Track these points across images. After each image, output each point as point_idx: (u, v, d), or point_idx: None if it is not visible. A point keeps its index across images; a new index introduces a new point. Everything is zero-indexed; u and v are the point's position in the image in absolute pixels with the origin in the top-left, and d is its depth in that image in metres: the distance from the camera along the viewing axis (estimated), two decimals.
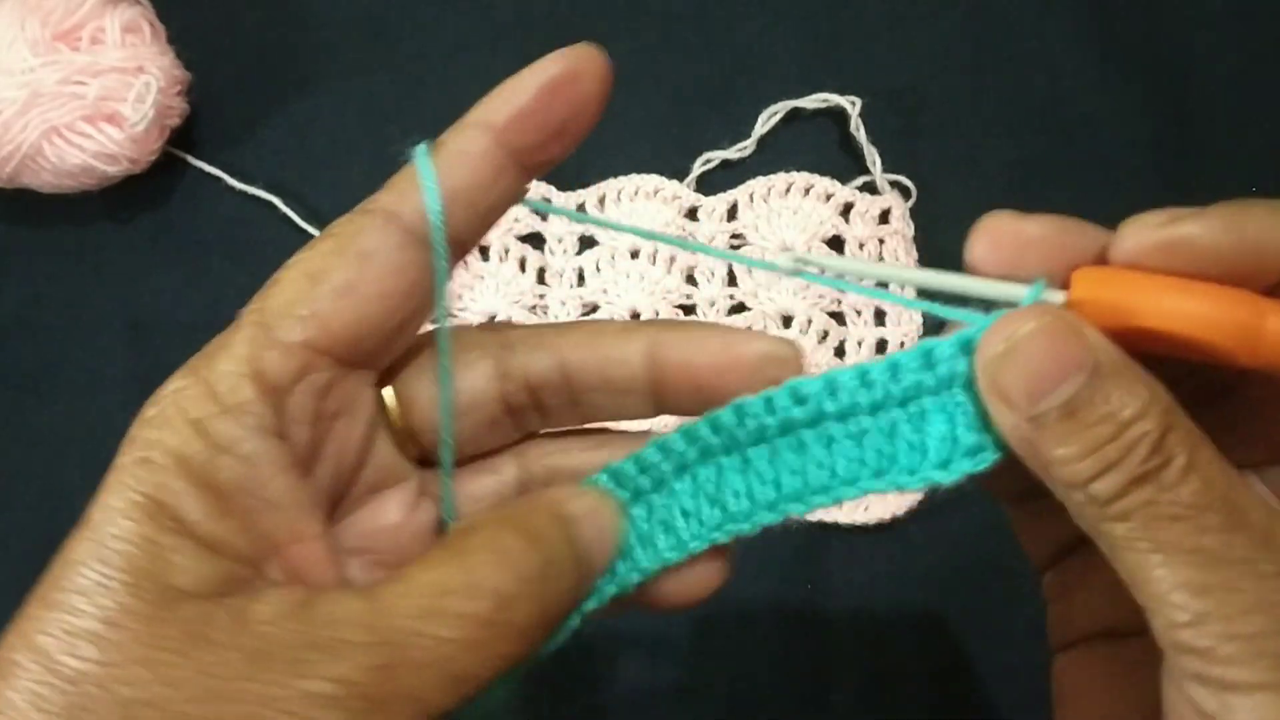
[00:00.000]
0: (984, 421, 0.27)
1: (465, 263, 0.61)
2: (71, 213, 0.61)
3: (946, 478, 0.27)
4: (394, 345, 0.29)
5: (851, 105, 0.61)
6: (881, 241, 0.60)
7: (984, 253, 0.28)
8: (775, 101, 0.62)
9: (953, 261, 0.65)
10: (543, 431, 0.32)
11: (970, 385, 0.27)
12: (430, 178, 0.29)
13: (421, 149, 0.29)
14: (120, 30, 0.57)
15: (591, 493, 0.29)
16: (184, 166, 0.62)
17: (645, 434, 0.31)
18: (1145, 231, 0.28)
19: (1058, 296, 0.27)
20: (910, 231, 0.60)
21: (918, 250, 0.60)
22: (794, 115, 0.62)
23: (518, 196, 0.31)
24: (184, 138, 0.62)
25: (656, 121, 0.63)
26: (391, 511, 0.30)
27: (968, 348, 0.27)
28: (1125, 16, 0.63)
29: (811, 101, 0.62)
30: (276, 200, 0.61)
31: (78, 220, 0.62)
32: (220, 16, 0.64)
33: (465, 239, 0.30)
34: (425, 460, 0.31)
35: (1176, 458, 0.24)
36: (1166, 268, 0.27)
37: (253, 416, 0.26)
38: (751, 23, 0.64)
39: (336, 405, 0.28)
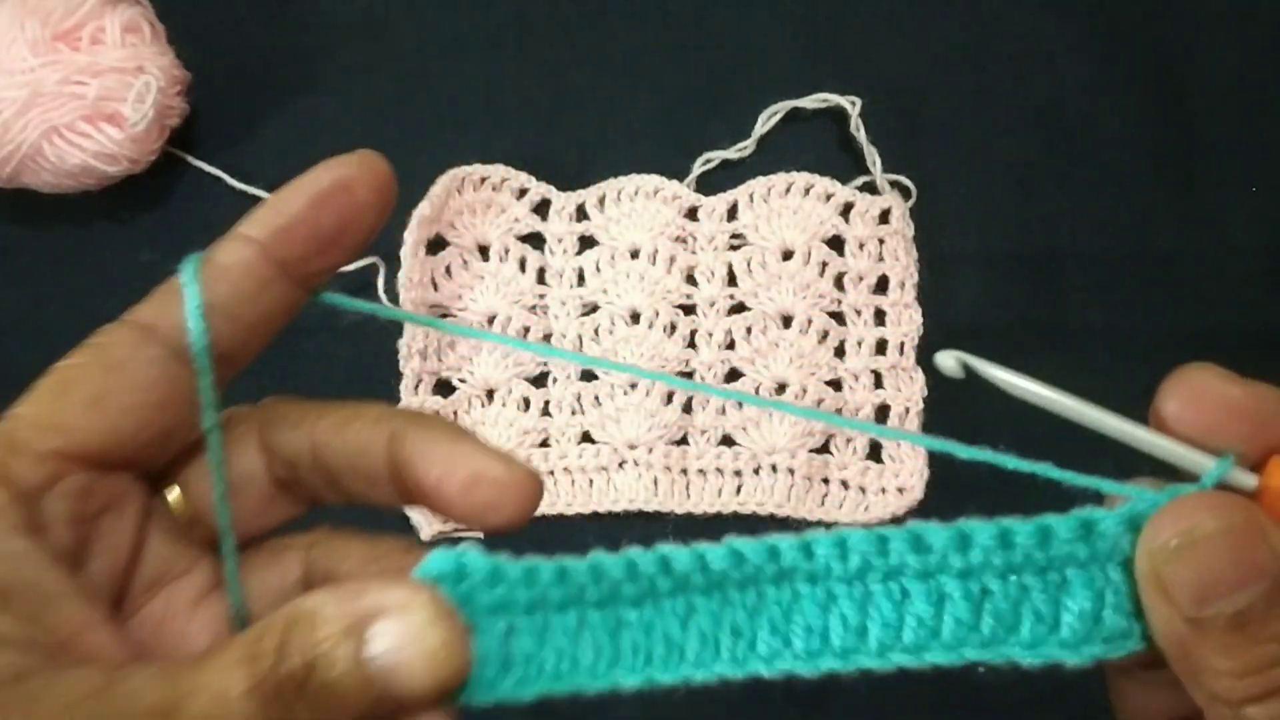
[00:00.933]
0: (1135, 608, 0.24)
1: (465, 262, 0.61)
2: (71, 213, 0.61)
3: (1074, 659, 0.25)
4: (158, 452, 0.29)
5: (851, 105, 0.61)
6: (881, 241, 0.60)
7: (1178, 410, 0.26)
8: (775, 101, 0.62)
9: (953, 262, 0.65)
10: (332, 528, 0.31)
11: (1128, 565, 0.24)
12: (194, 291, 0.29)
13: (190, 261, 0.29)
14: (120, 30, 0.57)
15: (400, 591, 0.24)
16: (184, 166, 0.62)
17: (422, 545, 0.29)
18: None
19: (1248, 480, 0.24)
20: (910, 231, 0.60)
21: (918, 250, 0.60)
22: (794, 115, 0.62)
23: (296, 306, 0.30)
24: (184, 138, 0.62)
25: (656, 121, 0.63)
26: (179, 604, 0.30)
27: (1134, 523, 0.24)
28: (1125, 16, 0.63)
29: (811, 101, 0.62)
30: None
31: (78, 220, 0.62)
32: (220, 16, 0.64)
33: (233, 352, 0.29)
34: (216, 547, 0.30)
35: None
36: None
37: (6, 520, 0.26)
38: (751, 23, 0.64)
39: (98, 505, 0.28)
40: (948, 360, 0.25)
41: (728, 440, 0.59)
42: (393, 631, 0.23)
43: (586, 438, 0.59)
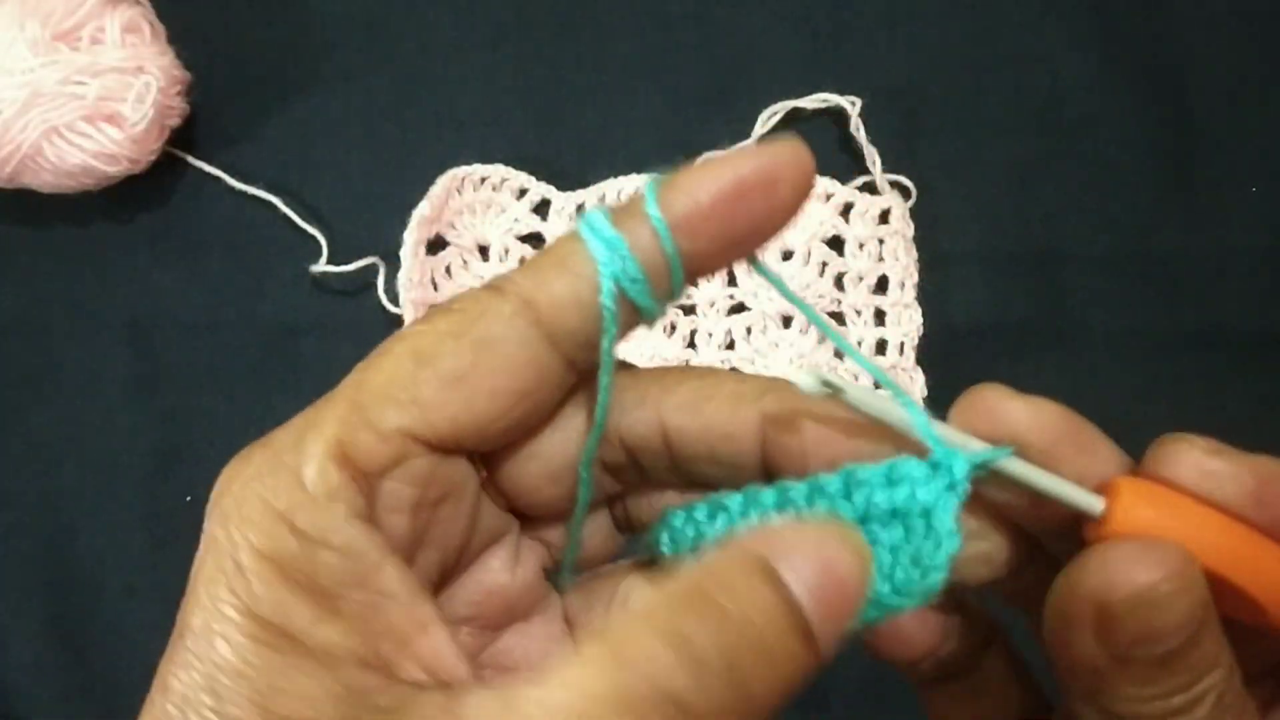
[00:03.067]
0: (926, 560, 0.24)
1: (465, 262, 0.61)
2: (71, 213, 0.61)
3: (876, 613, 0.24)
4: (505, 439, 0.26)
5: (851, 105, 0.61)
6: (881, 241, 0.60)
7: (966, 424, 0.25)
8: (775, 101, 0.62)
9: (953, 262, 0.65)
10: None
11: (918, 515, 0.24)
12: (609, 280, 0.24)
13: (593, 225, 0.25)
14: (120, 30, 0.57)
15: (819, 528, 0.22)
16: (184, 166, 0.62)
17: None
18: (1195, 456, 0.25)
19: (1094, 503, 0.25)
20: (910, 231, 0.60)
21: (918, 250, 0.60)
22: (794, 115, 0.62)
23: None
24: (184, 138, 0.62)
25: (656, 121, 0.63)
26: (497, 572, 0.27)
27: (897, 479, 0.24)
28: (1125, 16, 0.63)
29: (811, 101, 0.62)
30: (276, 200, 0.61)
31: (78, 220, 0.62)
32: (220, 16, 0.64)
33: (588, 353, 0.25)
34: (513, 509, 0.28)
35: (1231, 710, 0.24)
36: (1204, 498, 0.25)
37: (344, 504, 0.23)
38: (751, 23, 0.63)
39: (439, 493, 0.25)
40: (807, 379, 0.24)
41: None
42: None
43: None
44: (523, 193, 0.61)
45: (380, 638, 0.23)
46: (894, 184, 0.61)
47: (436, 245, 0.61)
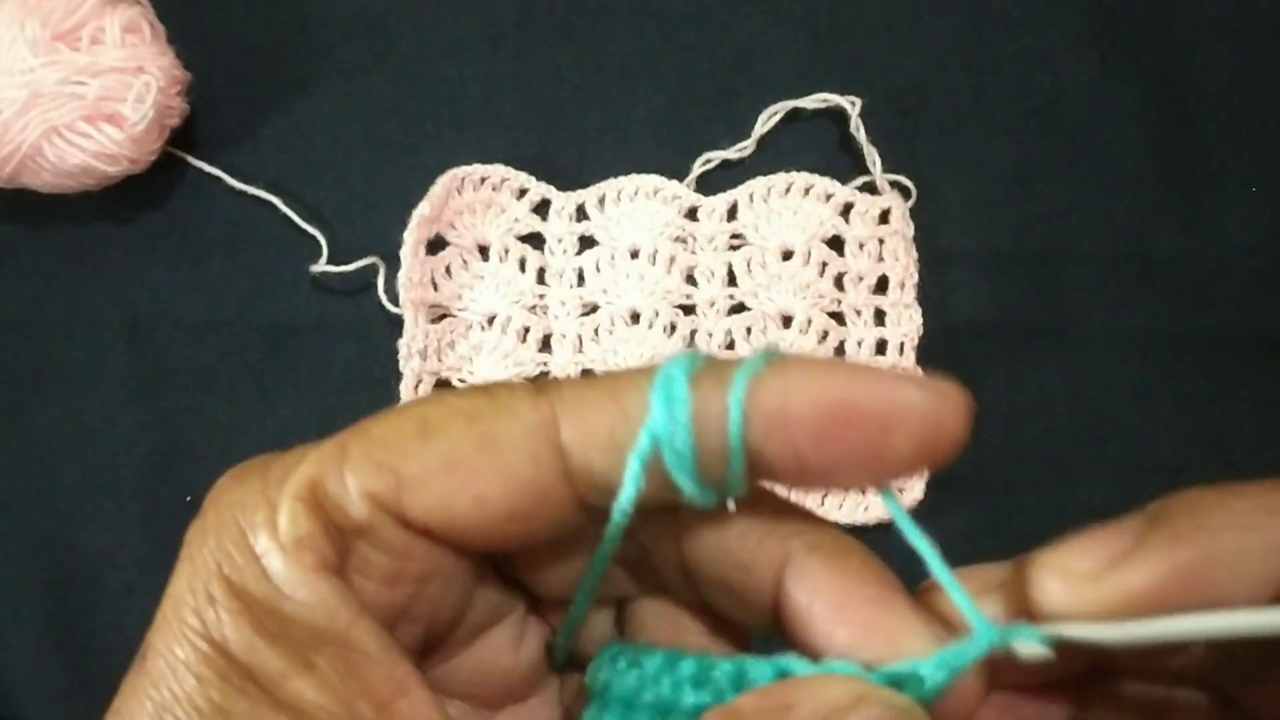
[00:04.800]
0: None
1: (465, 262, 0.61)
2: (71, 213, 0.61)
3: None
4: (485, 548, 0.24)
5: (851, 105, 0.61)
6: (881, 241, 0.60)
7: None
8: (775, 101, 0.62)
9: (953, 262, 0.65)
10: None
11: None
12: (636, 475, 0.21)
13: (679, 370, 0.21)
14: (120, 30, 0.57)
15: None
16: (184, 166, 0.62)
17: None
18: (1080, 587, 0.21)
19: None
20: (910, 231, 0.60)
21: (917, 250, 0.60)
22: (794, 115, 0.62)
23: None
24: (184, 138, 0.62)
25: (656, 121, 0.63)
26: (498, 653, 0.25)
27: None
28: (1125, 16, 0.63)
29: (811, 101, 0.62)
30: (276, 200, 0.61)
31: (78, 220, 0.62)
32: (220, 16, 0.64)
33: (607, 500, 0.22)
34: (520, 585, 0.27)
35: None
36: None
37: (313, 554, 0.21)
38: (751, 23, 0.63)
39: (421, 569, 0.23)
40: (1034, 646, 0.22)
41: None
42: None
43: None
44: (523, 193, 0.61)
45: (356, 698, 0.21)
46: (894, 184, 0.61)
47: (436, 245, 0.61)
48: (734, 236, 0.61)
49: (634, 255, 0.61)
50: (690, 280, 0.60)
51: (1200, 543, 0.20)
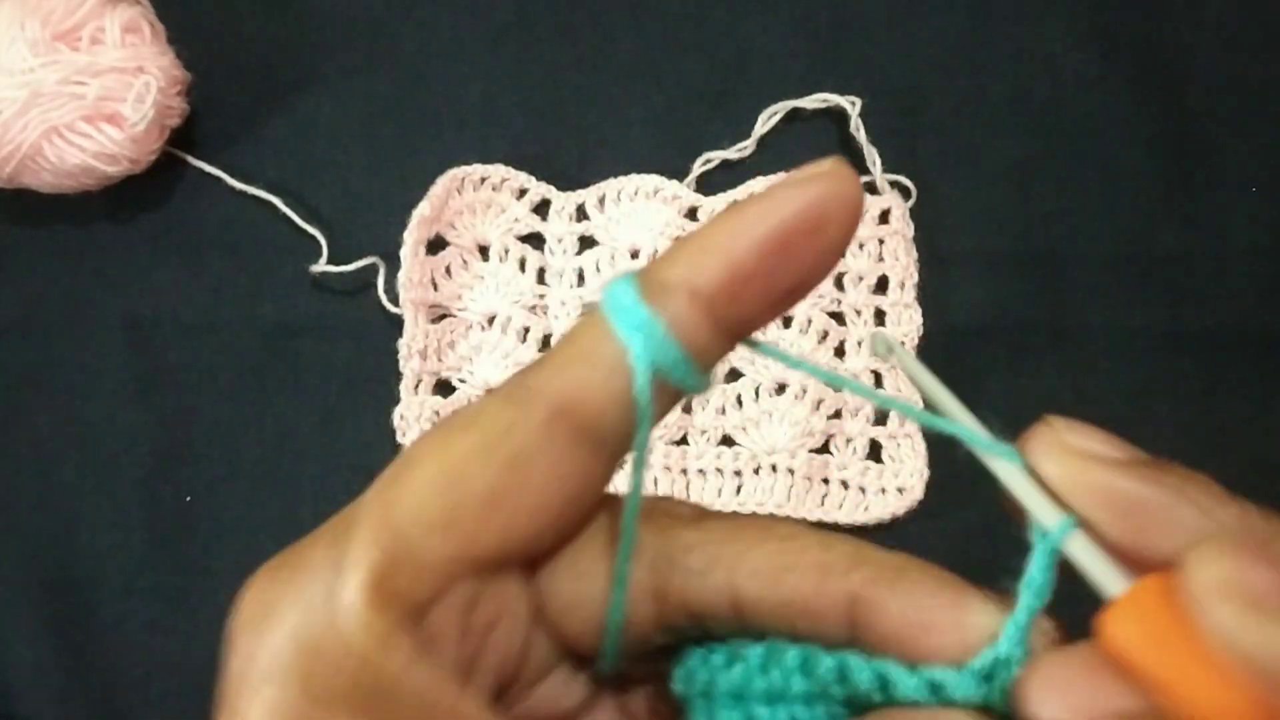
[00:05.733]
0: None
1: (465, 262, 0.61)
2: (71, 213, 0.61)
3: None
4: (558, 544, 0.24)
5: (851, 105, 0.61)
6: (881, 241, 0.60)
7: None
8: (775, 101, 0.62)
9: (953, 262, 0.65)
10: None
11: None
12: (645, 364, 0.22)
13: (623, 302, 0.22)
14: (120, 30, 0.57)
15: None
16: (184, 166, 0.62)
17: None
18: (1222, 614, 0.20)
19: (1112, 584, 0.22)
20: (910, 231, 0.60)
21: (917, 250, 0.60)
22: (794, 115, 0.62)
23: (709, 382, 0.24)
24: (184, 138, 0.62)
25: (656, 121, 0.63)
26: (558, 691, 0.26)
27: (990, 678, 0.22)
28: (1125, 16, 0.63)
29: (811, 101, 0.62)
30: (276, 200, 0.61)
31: (78, 220, 0.62)
32: (220, 16, 0.64)
33: (631, 442, 0.23)
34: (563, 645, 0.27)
35: None
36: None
37: (400, 645, 0.21)
38: (751, 23, 0.64)
39: (486, 618, 0.23)
40: (879, 345, 0.25)
41: (728, 440, 0.59)
42: None
43: None
44: (523, 193, 0.61)
45: None
46: (894, 184, 0.61)
47: (436, 245, 0.61)
48: None
49: (634, 255, 0.61)
50: None
51: (1181, 502, 0.21)
